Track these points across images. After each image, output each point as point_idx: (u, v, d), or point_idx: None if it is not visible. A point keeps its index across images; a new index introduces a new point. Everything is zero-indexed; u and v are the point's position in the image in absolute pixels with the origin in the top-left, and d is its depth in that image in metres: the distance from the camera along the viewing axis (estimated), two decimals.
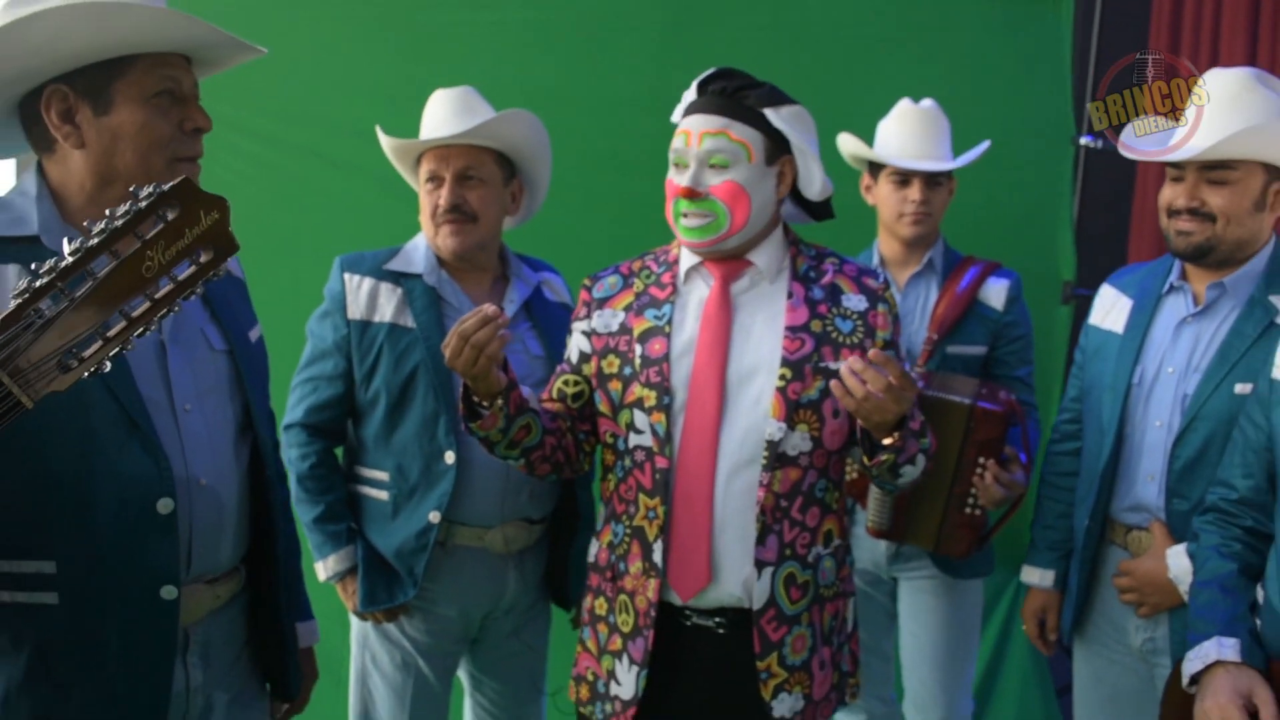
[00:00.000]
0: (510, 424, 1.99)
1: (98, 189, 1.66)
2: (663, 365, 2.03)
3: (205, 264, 1.21)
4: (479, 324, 1.86)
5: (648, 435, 2.03)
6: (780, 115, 2.01)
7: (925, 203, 2.78)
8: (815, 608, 2.06)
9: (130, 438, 1.62)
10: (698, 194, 2.00)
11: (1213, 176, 2.21)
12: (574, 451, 2.16)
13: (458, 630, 2.50)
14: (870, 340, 2.05)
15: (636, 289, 2.14)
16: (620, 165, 3.40)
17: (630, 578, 2.06)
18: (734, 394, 2.01)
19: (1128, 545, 2.36)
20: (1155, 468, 2.29)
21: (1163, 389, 2.30)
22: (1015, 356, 2.83)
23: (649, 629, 2.03)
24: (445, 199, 2.40)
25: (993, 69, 3.53)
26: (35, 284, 1.12)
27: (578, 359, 2.17)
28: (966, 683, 2.96)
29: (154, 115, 1.64)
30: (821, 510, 2.06)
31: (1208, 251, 2.25)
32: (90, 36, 1.56)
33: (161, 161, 1.65)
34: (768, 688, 2.03)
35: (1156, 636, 2.32)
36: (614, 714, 2.08)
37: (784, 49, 3.50)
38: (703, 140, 2.00)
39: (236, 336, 1.84)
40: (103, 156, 1.64)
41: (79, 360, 1.16)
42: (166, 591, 1.65)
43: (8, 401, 1.13)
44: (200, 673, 1.77)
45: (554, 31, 3.45)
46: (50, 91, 1.61)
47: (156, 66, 1.64)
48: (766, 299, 2.07)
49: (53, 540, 1.60)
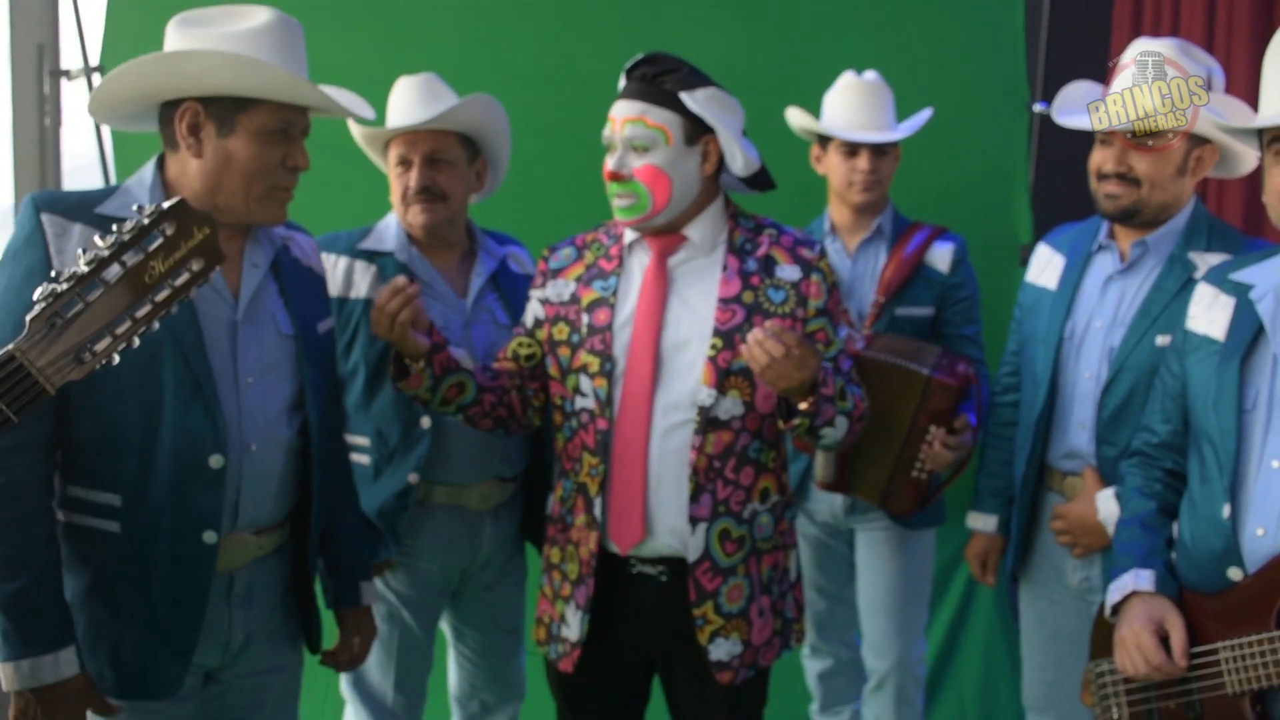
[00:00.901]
0: (438, 383, 2.16)
1: (205, 194, 1.92)
2: (605, 334, 2.16)
3: (197, 272, 1.44)
4: (390, 294, 2.06)
5: (590, 399, 2.17)
6: (695, 98, 2.11)
7: (873, 171, 2.89)
8: (752, 559, 2.19)
9: (195, 399, 1.88)
10: (621, 176, 2.13)
11: (1145, 140, 2.32)
12: (519, 408, 2.31)
13: (439, 583, 2.65)
14: (802, 309, 2.17)
15: (587, 261, 2.27)
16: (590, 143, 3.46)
17: (576, 529, 2.21)
18: (668, 361, 2.14)
19: (1064, 490, 2.49)
20: (1086, 416, 2.42)
21: (1092, 342, 2.42)
22: (961, 316, 2.93)
23: (590, 577, 2.18)
24: (415, 181, 2.54)
25: (946, 38, 3.62)
26: (58, 290, 1.35)
27: (532, 324, 2.32)
28: (919, 627, 3.10)
29: (264, 149, 1.92)
30: (756, 469, 2.19)
31: (1134, 214, 2.37)
32: (228, 80, 1.86)
33: (261, 189, 1.94)
34: (704, 633, 2.16)
35: (1092, 575, 2.45)
36: (564, 654, 2.24)
37: (743, 25, 3.60)
38: (624, 127, 2.13)
39: (305, 325, 2.09)
40: (214, 171, 1.92)
41: (92, 354, 1.38)
42: (208, 536, 1.91)
43: (34, 389, 1.35)
44: (242, 612, 2.02)
45: (524, 13, 3.54)
46: (186, 106, 1.90)
47: (278, 110, 1.92)
48: (703, 271, 2.19)
49: (120, 477, 1.87)
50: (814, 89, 3.06)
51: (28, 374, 1.34)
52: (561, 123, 3.49)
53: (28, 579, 1.79)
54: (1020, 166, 3.68)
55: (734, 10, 3.64)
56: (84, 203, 1.87)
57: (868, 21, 3.63)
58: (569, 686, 2.31)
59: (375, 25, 3.51)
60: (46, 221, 1.82)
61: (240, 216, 1.96)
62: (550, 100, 3.50)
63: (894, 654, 3.04)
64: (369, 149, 2.67)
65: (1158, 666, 1.90)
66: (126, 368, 1.74)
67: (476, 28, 3.56)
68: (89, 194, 1.92)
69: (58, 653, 1.80)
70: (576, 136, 3.49)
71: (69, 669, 1.81)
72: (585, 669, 2.22)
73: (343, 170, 2.98)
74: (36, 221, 1.82)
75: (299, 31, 1.98)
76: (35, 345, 1.34)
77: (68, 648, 1.82)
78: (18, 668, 1.78)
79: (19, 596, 1.78)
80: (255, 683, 2.10)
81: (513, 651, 2.82)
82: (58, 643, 1.81)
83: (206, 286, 1.89)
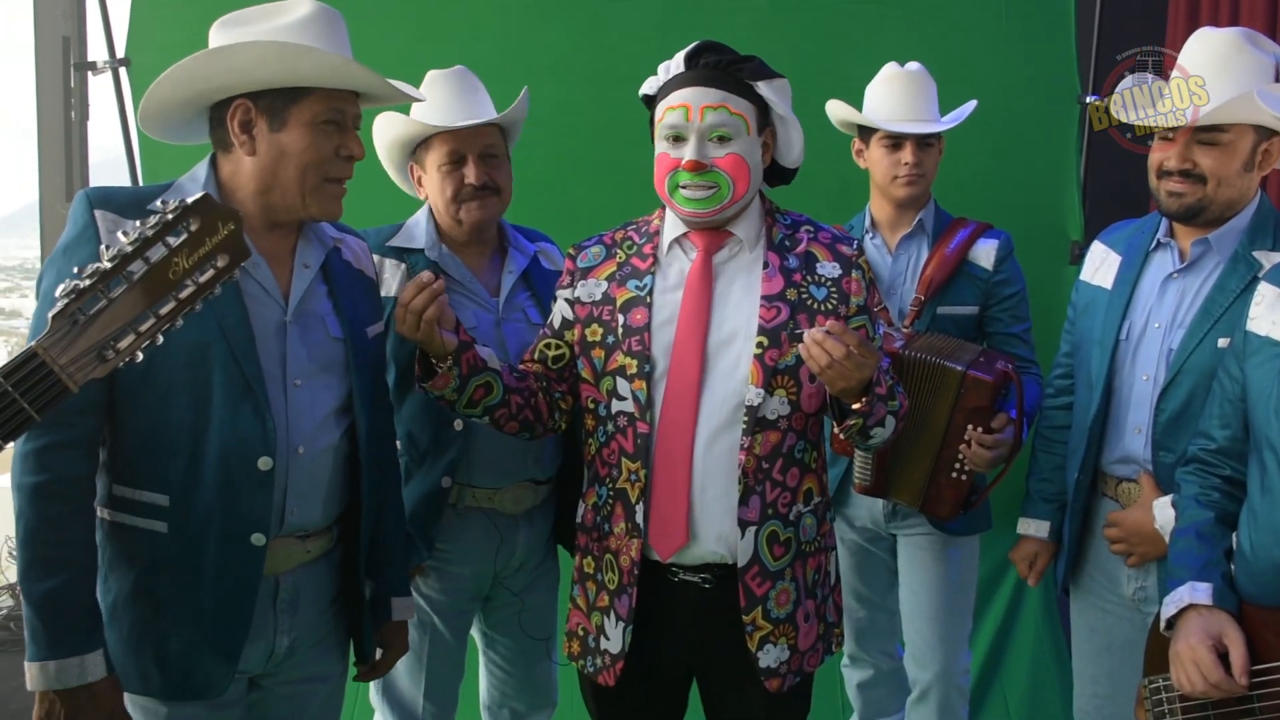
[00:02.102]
0: (465, 383, 2.10)
1: (259, 192, 1.92)
2: (644, 335, 2.10)
3: (222, 269, 1.41)
4: (415, 290, 2.01)
5: (629, 401, 2.10)
6: (773, 87, 2.07)
7: (918, 164, 2.82)
8: (798, 563, 2.13)
9: (244, 400, 1.86)
10: (704, 166, 2.05)
11: (1204, 138, 2.24)
12: (545, 411, 2.24)
13: (471, 588, 2.60)
14: (844, 306, 2.11)
15: (619, 259, 2.20)
16: (620, 137, 3.43)
17: (614, 538, 2.14)
18: (713, 360, 2.08)
19: (1118, 497, 2.41)
20: (1142, 420, 2.34)
21: (1149, 343, 2.34)
22: (1009, 314, 2.87)
23: (633, 587, 2.11)
24: (476, 176, 2.48)
25: (992, 26, 3.55)
26: (80, 286, 1.32)
27: (560, 325, 2.24)
28: (964, 636, 3.02)
29: (318, 139, 1.91)
30: (801, 470, 2.13)
31: (1199, 212, 2.28)
32: (280, 69, 1.84)
33: (316, 179, 1.91)
34: (753, 640, 2.10)
35: (1147, 585, 2.37)
36: (604, 667, 2.17)
37: (779, 16, 3.54)
38: (704, 114, 2.04)
39: (354, 329, 2.06)
40: (269, 166, 1.90)
41: (115, 351, 1.35)
42: (256, 538, 1.89)
43: (56, 387, 1.33)
44: (288, 617, 2.00)
45: (555, 7, 3.50)
46: (237, 104, 1.89)
47: (329, 99, 1.91)
48: (744, 268, 2.13)
49: (168, 477, 1.86)
50: (854, 81, 2.99)
51: (50, 372, 1.32)
52: (593, 117, 3.46)
53: (63, 579, 1.78)
54: (1070, 160, 3.59)
55: (762, 4, 3.58)
56: (137, 199, 1.85)
57: (910, 10, 3.56)
58: (608, 701, 2.25)
59: (406, 19, 3.48)
60: (100, 218, 1.80)
61: (295, 213, 1.94)
62: (581, 95, 3.48)
63: (938, 664, 2.96)
64: (392, 150, 2.58)
65: (1216, 684, 1.84)
66: (176, 367, 1.80)
67: (507, 22, 3.53)
68: (142, 190, 1.91)
69: (84, 656, 1.78)
70: (608, 131, 3.49)
71: (96, 673, 1.79)
72: (625, 681, 2.16)
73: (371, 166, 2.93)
74: (90, 217, 1.81)
75: (342, 22, 1.95)
76: (58, 342, 1.32)
77: (95, 651, 1.79)
78: (44, 669, 1.76)
79: (52, 597, 1.77)
80: (299, 690, 2.08)
81: (545, 658, 2.76)
82: (86, 646, 1.78)
83: (255, 286, 1.92)
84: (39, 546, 1.77)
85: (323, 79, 1.88)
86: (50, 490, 1.77)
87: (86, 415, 1.79)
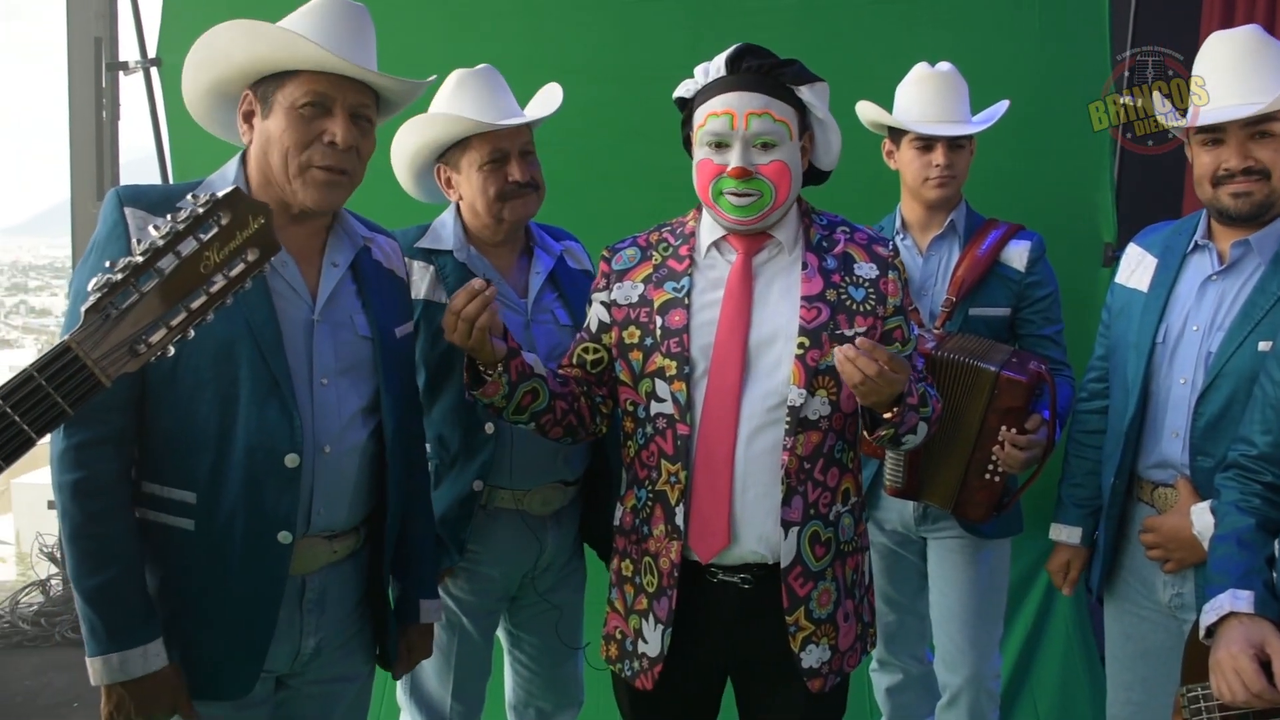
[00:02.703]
0: (514, 390, 2.10)
1: (262, 183, 1.92)
2: (683, 336, 2.09)
3: (253, 262, 1.41)
4: (467, 298, 2.00)
5: (669, 403, 2.09)
6: (814, 91, 2.06)
7: (949, 166, 2.79)
8: (837, 563, 2.12)
9: (271, 397, 1.86)
10: (749, 173, 2.04)
11: (1259, 130, 2.20)
12: (588, 415, 2.24)
13: (499, 589, 2.59)
14: (882, 306, 2.11)
15: (655, 261, 2.19)
16: (650, 137, 3.42)
17: (654, 540, 2.12)
18: (753, 361, 2.07)
19: (1154, 502, 2.37)
20: (1180, 425, 2.30)
21: (1187, 347, 2.31)
22: (1041, 316, 2.84)
23: (673, 589, 2.10)
24: (521, 174, 2.47)
25: (1025, 25, 3.52)
26: (112, 280, 1.32)
27: (596, 328, 2.23)
28: (994, 640, 2.99)
29: (295, 123, 1.88)
30: (840, 470, 2.12)
31: (1268, 208, 2.24)
32: (247, 47, 1.85)
33: (295, 166, 1.89)
34: (796, 640, 2.09)
35: (1184, 592, 2.34)
36: (642, 670, 2.16)
37: (809, 15, 3.53)
38: (749, 121, 2.02)
39: (383, 328, 2.05)
40: (260, 155, 1.91)
41: (146, 346, 1.36)
42: (283, 536, 1.89)
43: (89, 381, 1.33)
44: (314, 618, 2.00)
45: (583, 6, 3.49)
46: (243, 94, 1.91)
47: (310, 82, 1.87)
48: (783, 269, 2.12)
49: (195, 474, 1.86)
50: (884, 81, 2.97)
51: (83, 366, 1.33)
52: (621, 117, 3.44)
53: (114, 572, 1.79)
54: (1104, 161, 3.56)
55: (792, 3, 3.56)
56: (167, 197, 1.86)
57: (941, 7, 3.54)
58: (644, 705, 2.23)
59: (433, 19, 3.48)
60: (130, 215, 1.81)
61: (287, 199, 1.92)
62: (610, 95, 3.46)
63: (968, 668, 2.94)
64: (423, 151, 2.54)
65: (1258, 694, 1.81)
66: (204, 364, 1.80)
67: (535, 21, 3.53)
68: (172, 188, 1.92)
69: (146, 646, 1.80)
70: (636, 131, 3.47)
71: (158, 661, 1.81)
72: (662, 684, 2.15)
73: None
74: (120, 215, 1.81)
75: (357, 13, 1.93)
76: (90, 336, 1.33)
77: (156, 640, 1.82)
78: (106, 661, 1.78)
79: (106, 590, 1.78)
80: (325, 690, 2.08)
81: (570, 657, 2.75)
82: (146, 635, 1.81)
83: (283, 284, 1.91)
84: (85, 542, 1.79)
85: (286, 59, 1.85)
86: (88, 486, 1.78)
87: (118, 412, 1.80)
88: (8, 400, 1.29)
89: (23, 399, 1.30)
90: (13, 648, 4.76)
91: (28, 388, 1.30)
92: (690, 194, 2.18)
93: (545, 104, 2.58)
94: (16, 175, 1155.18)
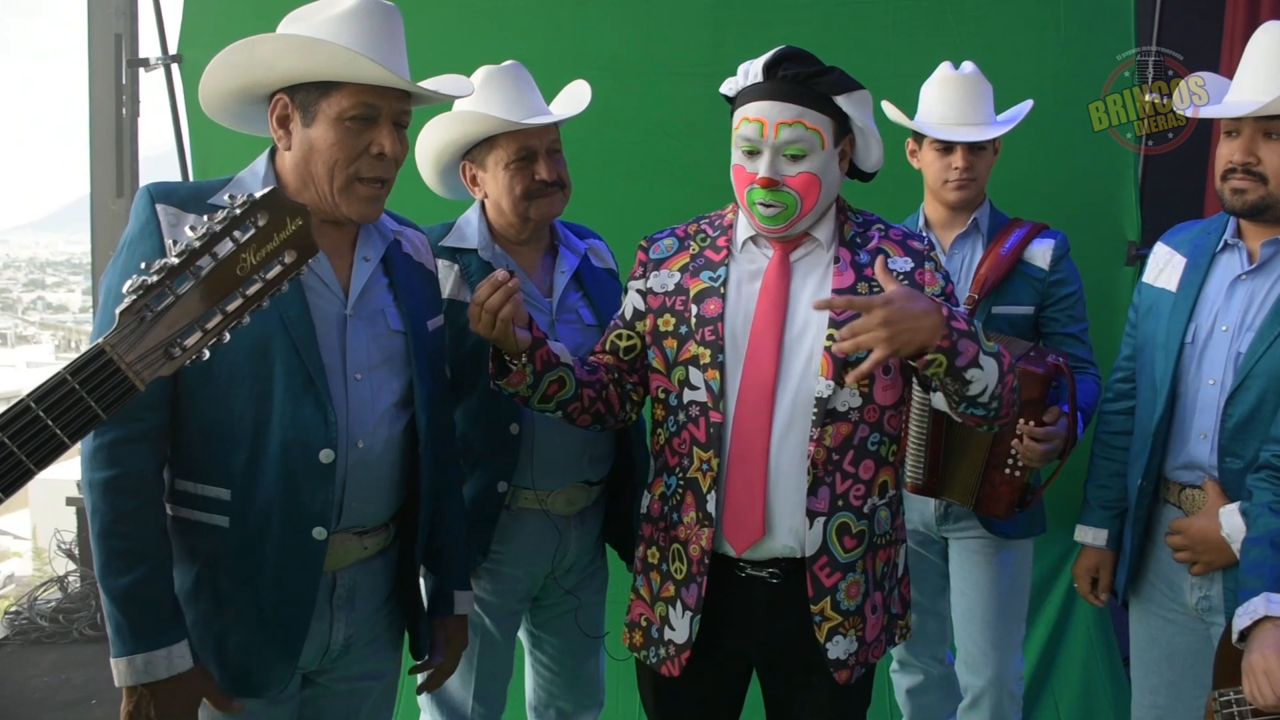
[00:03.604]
0: (539, 379, 2.11)
1: (298, 187, 1.90)
2: (718, 324, 2.09)
3: (290, 265, 1.38)
4: (490, 289, 2.00)
5: (702, 391, 2.09)
6: (852, 100, 2.04)
7: (969, 169, 2.78)
8: (869, 555, 2.11)
9: (306, 393, 1.85)
10: (776, 184, 2.03)
11: (1272, 128, 2.18)
12: (617, 403, 2.25)
13: (522, 589, 2.58)
14: None
15: (692, 251, 2.20)
16: (674, 132, 3.42)
17: (684, 527, 2.12)
18: (788, 355, 2.06)
19: (1181, 504, 2.35)
20: (1208, 426, 2.28)
21: (1216, 347, 2.28)
22: (1065, 314, 2.82)
23: (702, 576, 2.10)
24: (549, 172, 2.46)
25: (1050, 23, 3.50)
26: (148, 282, 1.30)
27: (631, 315, 2.24)
28: (1017, 641, 2.97)
29: (344, 135, 1.86)
30: (876, 463, 2.11)
31: (1262, 210, 2.22)
32: (296, 62, 1.82)
33: (343, 178, 1.88)
34: (822, 631, 2.08)
35: (1211, 595, 2.31)
36: (668, 657, 2.16)
37: (833, 12, 3.52)
38: (779, 131, 2.01)
39: (415, 322, 2.04)
40: (301, 162, 1.89)
41: (182, 349, 1.34)
42: (317, 532, 1.88)
43: (124, 385, 1.31)
44: (344, 614, 2.00)
45: (607, 2, 3.49)
46: (276, 99, 1.89)
47: (358, 94, 1.85)
48: (818, 264, 2.12)
49: (230, 471, 1.85)
50: (909, 78, 2.96)
51: (117, 369, 1.31)
52: (644, 114, 3.43)
53: (143, 572, 1.78)
54: (1128, 159, 3.54)
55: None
56: (197, 193, 1.86)
57: (966, 5, 3.52)
58: (669, 693, 2.23)
59: (455, 16, 3.47)
60: (161, 212, 1.80)
61: (328, 212, 1.91)
62: (633, 91, 3.46)
63: (990, 670, 2.92)
64: (449, 149, 2.53)
65: None
66: (238, 360, 1.79)
67: (558, 17, 3.52)
68: (203, 184, 1.91)
69: (171, 647, 1.79)
70: (659, 128, 3.48)
71: (182, 664, 1.80)
72: (688, 673, 2.15)
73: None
74: (152, 211, 1.81)
75: (392, 15, 1.91)
76: (125, 339, 1.31)
77: (181, 642, 1.81)
78: (131, 662, 1.77)
79: (134, 590, 1.77)
80: (353, 688, 2.08)
81: (592, 656, 2.74)
82: (171, 637, 1.80)
83: (315, 279, 1.90)
84: (115, 540, 1.78)
85: (336, 72, 1.83)
86: (121, 484, 1.77)
87: (153, 410, 1.80)
88: (41, 403, 1.27)
89: (56, 402, 1.28)
90: (30, 644, 4.77)
91: (61, 391, 1.28)
92: (712, 189, 2.17)
93: (573, 102, 2.57)
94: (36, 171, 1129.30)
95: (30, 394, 1.28)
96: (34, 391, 1.28)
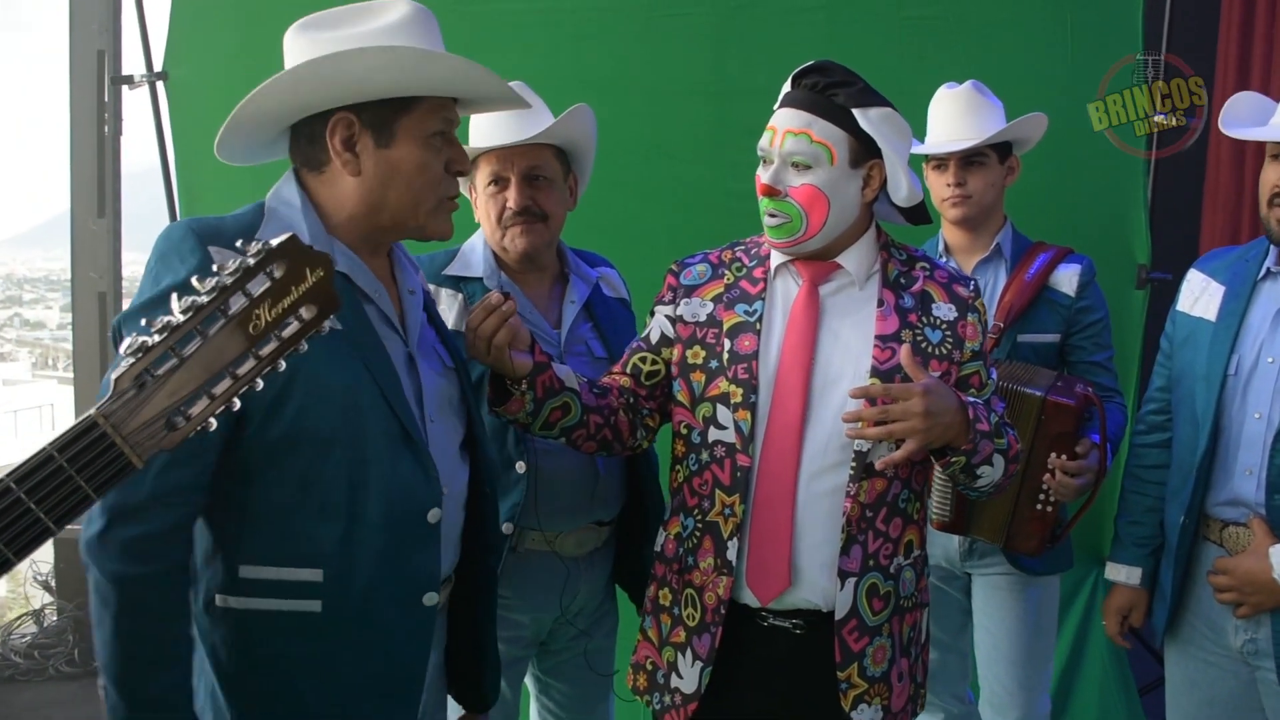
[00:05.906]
0: (540, 406, 1.98)
1: (364, 215, 1.70)
2: (752, 362, 1.98)
3: (309, 321, 1.19)
4: (484, 314, 1.89)
5: (730, 431, 1.98)
6: (868, 117, 1.94)
7: (960, 185, 2.71)
8: (895, 619, 2.01)
9: (404, 448, 1.67)
10: (776, 193, 1.96)
11: None
12: (626, 430, 2.11)
13: (530, 635, 2.46)
14: (959, 351, 2.00)
15: (727, 280, 2.09)
16: (675, 153, 3.34)
17: (699, 572, 2.01)
18: (818, 398, 1.96)
19: (1223, 542, 2.26)
20: (1254, 461, 2.19)
21: (1262, 379, 2.19)
22: (1091, 342, 2.74)
23: (717, 626, 1.99)
24: (515, 200, 2.32)
25: (1060, 41, 3.43)
26: (148, 343, 1.12)
27: (658, 340, 2.12)
28: (1044, 682, 2.87)
29: (431, 155, 1.70)
30: (904, 521, 2.01)
31: None
32: (398, 77, 1.63)
33: (432, 200, 1.72)
34: (847, 698, 1.98)
35: (1258, 638, 2.21)
36: (673, 706, 2.05)
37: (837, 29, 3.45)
38: (785, 140, 1.95)
39: (459, 356, 1.91)
40: (377, 187, 1.68)
41: (186, 419, 1.15)
42: (429, 598, 1.70)
43: (118, 461, 1.12)
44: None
45: (608, 21, 3.42)
46: (338, 119, 1.66)
47: (440, 109, 1.71)
48: (856, 303, 2.02)
49: (322, 549, 1.62)
50: (916, 96, 2.84)
51: (112, 444, 1.11)
52: (647, 134, 3.37)
53: (176, 676, 1.56)
54: (1137, 180, 3.45)
55: (829, 15, 3.47)
56: (238, 230, 1.61)
57: (971, 22, 3.45)
58: None
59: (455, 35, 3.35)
60: (215, 254, 1.54)
61: (407, 233, 1.75)
62: (634, 110, 3.39)
63: (1017, 712, 2.81)
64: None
65: None
66: (330, 420, 1.59)
67: (558, 36, 3.45)
68: (240, 220, 1.66)
69: None
70: (658, 147, 3.38)
71: None
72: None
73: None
74: (203, 254, 1.55)
75: (435, 22, 1.74)
76: (122, 408, 1.11)
77: None
78: None
79: (167, 698, 1.55)
80: None
81: (602, 702, 2.61)
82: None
83: (378, 314, 1.71)
84: (147, 647, 1.54)
85: (452, 87, 1.69)
86: (165, 581, 1.55)
87: (203, 491, 1.58)
88: (22, 484, 1.09)
89: (40, 483, 1.09)
90: (4, 682, 4.60)
91: (46, 469, 1.09)
92: (711, 210, 2.08)
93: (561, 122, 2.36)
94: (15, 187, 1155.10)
95: (11, 473, 1.09)
96: (15, 470, 1.10)
